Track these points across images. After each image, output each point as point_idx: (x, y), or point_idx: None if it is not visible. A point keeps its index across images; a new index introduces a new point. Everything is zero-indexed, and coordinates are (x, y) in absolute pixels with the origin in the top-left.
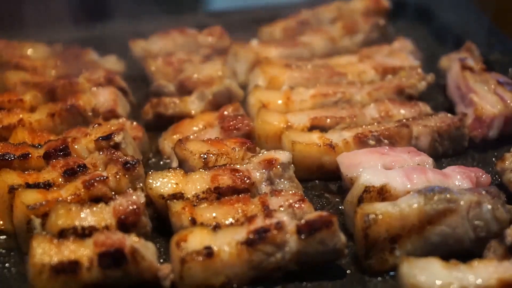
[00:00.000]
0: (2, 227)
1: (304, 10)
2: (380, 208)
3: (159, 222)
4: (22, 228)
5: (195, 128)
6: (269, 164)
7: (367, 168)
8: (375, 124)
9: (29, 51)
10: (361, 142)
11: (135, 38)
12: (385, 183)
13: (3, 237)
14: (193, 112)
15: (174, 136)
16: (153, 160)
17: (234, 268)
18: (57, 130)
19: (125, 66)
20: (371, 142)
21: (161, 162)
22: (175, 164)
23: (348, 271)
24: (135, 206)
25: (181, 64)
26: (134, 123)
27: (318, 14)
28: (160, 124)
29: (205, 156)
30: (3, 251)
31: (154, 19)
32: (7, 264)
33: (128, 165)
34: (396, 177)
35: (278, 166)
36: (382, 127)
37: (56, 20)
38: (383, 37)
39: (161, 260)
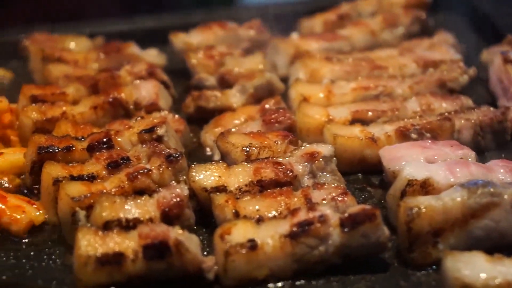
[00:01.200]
0: (47, 219)
1: (344, 3)
2: (423, 202)
3: (201, 214)
4: (66, 220)
5: (236, 121)
6: (312, 157)
7: (409, 161)
8: (417, 117)
9: (71, 44)
10: (403, 135)
11: (176, 31)
12: (428, 176)
13: (48, 228)
14: (234, 105)
15: (216, 129)
16: (194, 152)
17: (277, 261)
18: (100, 123)
19: (166, 59)
20: (413, 135)
21: (203, 155)
22: (217, 157)
23: (391, 265)
24: (178, 199)
25: (221, 57)
26: (176, 116)
27: (357, 7)
28: (201, 117)
29: (248, 149)
30: (48, 242)
31: (191, 13)
32: (52, 256)
33: (171, 157)
34: (439, 171)
35: (321, 159)
36: (424, 121)
37: (97, 13)
38: (424, 30)
39: (204, 253)
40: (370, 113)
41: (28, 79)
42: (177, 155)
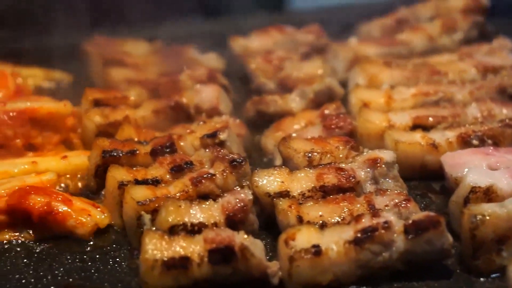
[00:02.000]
0: (112, 222)
1: (402, 8)
2: (487, 209)
3: (263, 219)
4: (132, 224)
5: (296, 126)
6: (374, 163)
7: (472, 168)
8: (478, 123)
9: (130, 48)
10: (465, 142)
11: (235, 35)
12: (491, 184)
13: (112, 231)
14: (294, 110)
15: (276, 134)
16: (255, 157)
17: (342, 266)
18: (161, 127)
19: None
20: (475, 142)
21: (264, 159)
22: (278, 161)
23: (453, 271)
24: (243, 204)
25: (280, 62)
26: (237, 120)
27: (415, 11)
28: (260, 121)
29: (310, 154)
30: (113, 245)
31: (247, 17)
32: (117, 259)
33: (235, 162)
34: (502, 178)
35: (383, 165)
36: (486, 127)
37: (156, 17)
38: (482, 35)
39: (267, 257)
40: (430, 119)
41: (87, 82)
42: (240, 160)
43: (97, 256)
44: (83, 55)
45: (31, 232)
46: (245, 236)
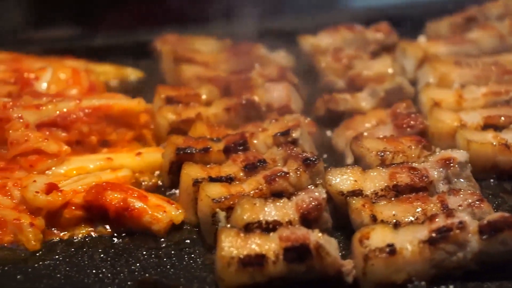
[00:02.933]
0: (186, 219)
1: (471, 6)
2: None
3: (335, 217)
4: (206, 221)
5: (367, 125)
6: (447, 163)
7: None
8: None
9: (200, 46)
10: None
11: (304, 34)
12: None
13: (188, 228)
14: (364, 108)
15: (347, 132)
16: (325, 155)
17: (416, 265)
18: (232, 124)
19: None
20: None
21: (333, 158)
22: (349, 160)
23: None
24: (317, 202)
25: (349, 60)
26: (308, 118)
27: (485, 10)
28: (329, 119)
29: (382, 153)
30: (188, 242)
31: (312, 14)
32: (192, 255)
33: (309, 161)
34: None
35: (456, 165)
36: None
37: (224, 15)
38: None
39: (340, 256)
40: (502, 119)
41: (157, 79)
42: (314, 159)
43: (172, 252)
44: (153, 52)
45: (107, 227)
46: (320, 234)
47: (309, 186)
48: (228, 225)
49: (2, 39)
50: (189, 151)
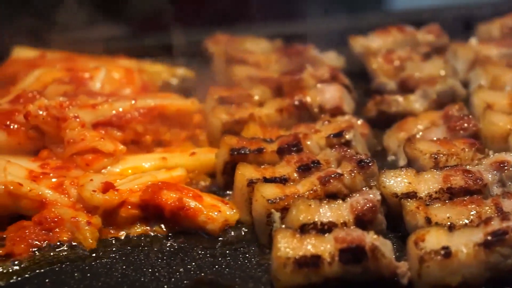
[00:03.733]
0: (240, 219)
1: None
2: None
3: (389, 219)
4: (261, 221)
5: (419, 127)
6: (501, 166)
7: None
8: None
9: (251, 46)
10: None
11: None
12: None
13: (242, 228)
14: (416, 110)
15: (399, 134)
16: (377, 157)
17: (471, 268)
18: (284, 125)
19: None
20: None
21: (386, 159)
22: (402, 162)
23: None
24: (371, 204)
25: (401, 61)
26: (360, 120)
27: None
28: (380, 121)
29: (436, 156)
30: (242, 241)
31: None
32: (247, 255)
33: (363, 163)
34: None
35: (510, 168)
36: None
37: (273, 16)
38: None
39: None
40: None
41: (208, 79)
42: (368, 161)
43: (227, 251)
44: (205, 52)
45: (162, 226)
46: (375, 236)
47: (363, 188)
48: (283, 226)
49: (55, 38)
50: (243, 152)
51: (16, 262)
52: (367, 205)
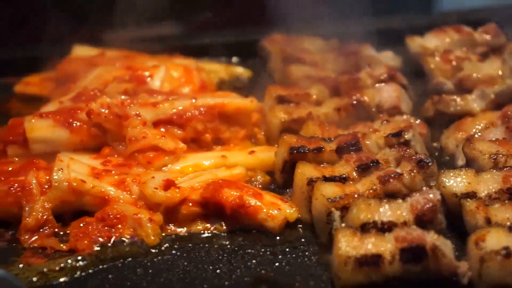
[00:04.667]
0: (299, 217)
1: None
2: None
3: (448, 219)
4: (321, 220)
5: (477, 127)
6: None
7: None
8: None
9: (308, 46)
10: None
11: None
12: None
13: (301, 226)
14: (474, 110)
15: (457, 134)
16: (434, 156)
17: None
18: (342, 124)
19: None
20: None
21: (443, 159)
22: (460, 162)
23: None
24: (431, 204)
25: (459, 62)
26: (418, 120)
27: None
28: (437, 121)
29: (495, 156)
30: (302, 239)
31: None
32: (307, 253)
33: (423, 163)
34: None
35: None
36: None
37: (329, 15)
38: None
39: None
40: None
41: (265, 78)
42: (428, 161)
43: (287, 249)
44: (261, 51)
45: (223, 224)
46: (436, 236)
47: (423, 188)
48: (343, 225)
49: (113, 37)
50: (302, 151)
51: (79, 258)
52: (428, 204)
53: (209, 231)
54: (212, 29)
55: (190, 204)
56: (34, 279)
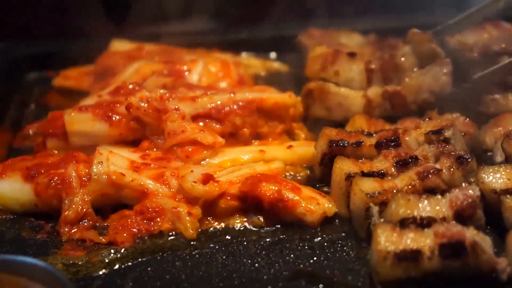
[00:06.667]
0: (338, 211)
1: None
2: None
3: (487, 215)
4: (359, 215)
5: None
6: None
7: None
8: None
9: (345, 40)
10: None
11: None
12: None
13: (339, 221)
14: None
15: (496, 130)
16: (474, 152)
17: None
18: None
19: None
20: None
21: (482, 155)
22: (499, 158)
23: None
24: (471, 200)
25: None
26: (467, 119)
27: None
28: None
29: None
30: (341, 234)
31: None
32: (345, 248)
33: (462, 159)
34: None
35: None
36: None
37: (367, 10)
38: None
39: None
40: None
41: (301, 72)
42: (468, 157)
43: (325, 244)
44: (298, 46)
45: (261, 218)
46: (475, 232)
47: (462, 184)
48: (381, 220)
49: (148, 31)
50: (341, 144)
51: (118, 250)
52: (467, 200)
53: (247, 225)
54: (250, 24)
55: (229, 198)
56: (74, 271)
